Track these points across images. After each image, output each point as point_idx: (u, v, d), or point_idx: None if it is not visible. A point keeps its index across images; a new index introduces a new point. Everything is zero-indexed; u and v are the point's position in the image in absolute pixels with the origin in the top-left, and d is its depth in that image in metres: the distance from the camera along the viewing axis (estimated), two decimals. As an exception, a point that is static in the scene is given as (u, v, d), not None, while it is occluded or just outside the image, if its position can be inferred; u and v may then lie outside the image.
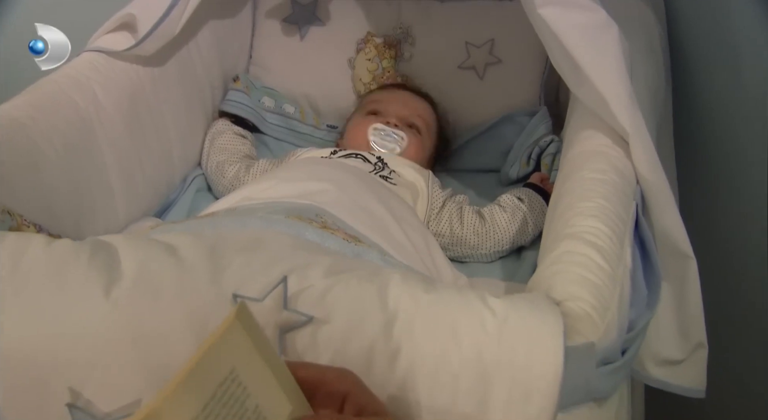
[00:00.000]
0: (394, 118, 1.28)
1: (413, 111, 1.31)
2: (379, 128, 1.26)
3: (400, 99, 1.33)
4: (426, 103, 1.36)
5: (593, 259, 0.69)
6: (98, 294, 0.62)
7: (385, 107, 1.31)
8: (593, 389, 0.62)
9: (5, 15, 1.35)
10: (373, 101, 1.34)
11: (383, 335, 0.60)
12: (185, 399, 0.45)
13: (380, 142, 1.25)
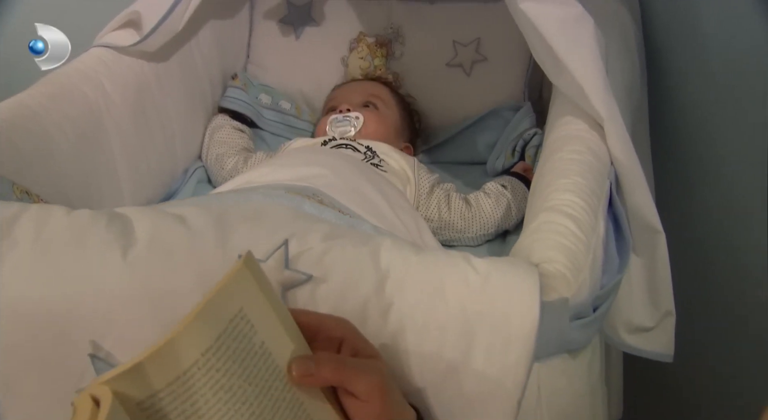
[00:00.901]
0: (346, 104, 1.36)
1: (363, 92, 1.39)
2: (333, 118, 1.33)
3: (349, 88, 1.42)
4: (376, 82, 1.44)
5: (569, 228, 0.74)
6: (116, 256, 0.67)
7: (338, 100, 1.39)
8: (567, 341, 0.67)
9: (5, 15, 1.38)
10: (329, 100, 1.44)
11: (376, 292, 0.65)
12: (200, 331, 0.51)
13: (336, 130, 1.31)
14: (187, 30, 1.26)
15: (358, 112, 1.34)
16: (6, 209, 0.71)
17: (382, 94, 1.41)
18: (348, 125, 1.32)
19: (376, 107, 1.37)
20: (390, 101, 1.41)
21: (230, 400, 0.51)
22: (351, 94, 1.39)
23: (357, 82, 1.47)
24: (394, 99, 1.43)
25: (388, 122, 1.37)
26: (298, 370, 0.56)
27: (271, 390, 0.54)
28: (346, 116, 1.33)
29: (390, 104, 1.41)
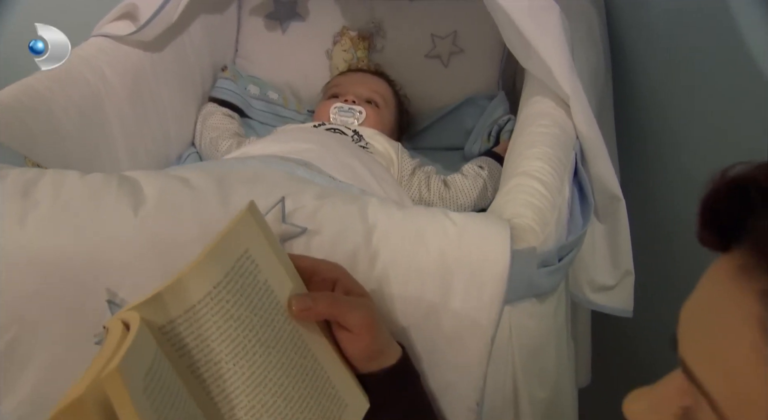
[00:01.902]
0: (352, 95, 1.41)
1: (369, 87, 1.44)
2: (339, 106, 1.38)
3: (356, 79, 1.46)
4: (381, 79, 1.48)
5: (537, 189, 0.81)
6: (128, 213, 0.73)
7: (344, 88, 1.43)
8: (535, 285, 0.74)
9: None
10: (333, 86, 1.47)
11: (364, 242, 0.72)
12: (211, 267, 0.57)
13: (339, 119, 1.37)
14: (179, 23, 1.32)
15: (362, 107, 1.39)
16: (25, 173, 0.77)
17: (385, 93, 1.46)
18: (352, 117, 1.37)
19: (378, 105, 1.42)
20: (390, 101, 1.46)
21: (238, 328, 0.58)
22: (357, 87, 1.43)
23: (364, 73, 1.49)
24: (394, 99, 1.48)
25: (384, 121, 1.42)
26: (297, 305, 0.62)
27: (273, 322, 0.60)
28: (351, 108, 1.39)
29: (390, 104, 1.46)
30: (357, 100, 1.40)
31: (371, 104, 1.41)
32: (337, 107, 1.38)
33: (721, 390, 0.37)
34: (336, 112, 1.36)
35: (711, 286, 0.40)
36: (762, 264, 0.37)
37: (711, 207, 0.40)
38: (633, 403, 0.44)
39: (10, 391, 0.74)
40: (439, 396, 0.73)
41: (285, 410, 0.59)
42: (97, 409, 0.45)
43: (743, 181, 0.38)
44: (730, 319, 0.37)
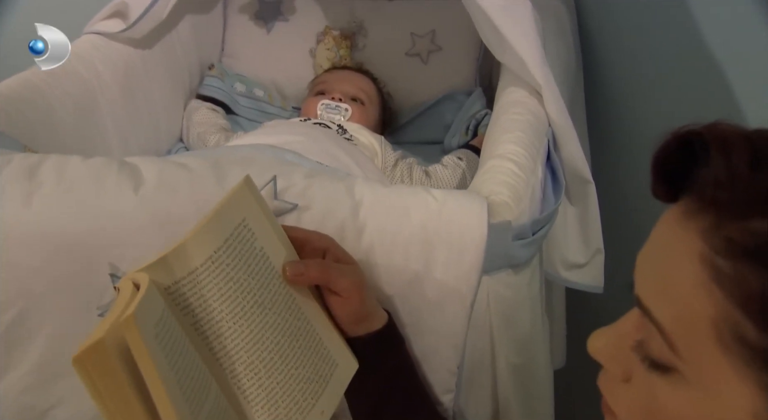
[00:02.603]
0: (338, 93, 1.45)
1: (355, 85, 1.48)
2: (326, 103, 1.43)
3: (342, 77, 1.51)
4: (366, 78, 1.53)
5: (512, 170, 0.87)
6: (129, 192, 0.77)
7: (330, 86, 1.48)
8: (510, 257, 0.79)
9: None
10: (320, 83, 1.52)
11: (352, 217, 0.76)
12: (211, 234, 0.61)
13: (326, 115, 1.41)
14: (168, 22, 1.36)
15: (348, 104, 1.44)
16: (28, 158, 0.81)
17: (370, 90, 1.51)
18: (338, 114, 1.42)
19: (363, 103, 1.47)
20: (375, 98, 1.51)
21: (237, 290, 0.62)
22: (344, 84, 1.48)
23: (349, 71, 1.53)
24: (378, 97, 1.53)
25: (369, 118, 1.47)
26: (290, 270, 0.67)
27: (269, 286, 0.65)
28: (338, 105, 1.43)
29: (374, 101, 1.51)
30: (343, 97, 1.45)
31: (357, 102, 1.46)
32: (324, 104, 1.42)
33: (668, 316, 0.42)
34: (323, 109, 1.41)
35: (661, 231, 0.45)
36: (703, 207, 0.42)
37: (661, 161, 0.45)
38: (595, 341, 0.49)
39: (18, 362, 0.78)
40: (422, 360, 0.78)
41: (281, 366, 0.64)
42: (114, 350, 0.49)
43: (688, 136, 0.43)
44: (677, 255, 0.42)
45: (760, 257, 0.39)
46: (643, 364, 0.45)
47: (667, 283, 0.43)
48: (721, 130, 0.42)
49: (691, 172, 0.44)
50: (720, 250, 0.40)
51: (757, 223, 0.39)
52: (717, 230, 0.40)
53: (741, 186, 0.40)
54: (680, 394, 0.43)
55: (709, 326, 0.40)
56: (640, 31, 1.34)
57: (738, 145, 0.41)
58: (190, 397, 0.54)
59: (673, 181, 0.45)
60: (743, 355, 0.39)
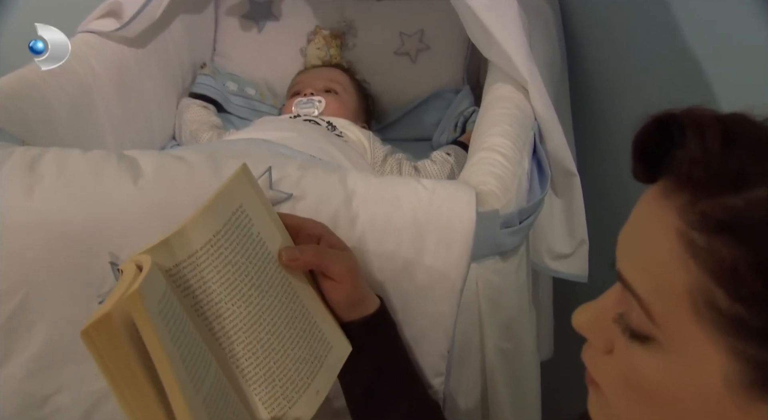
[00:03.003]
0: (310, 89, 1.48)
1: (325, 78, 1.52)
2: (298, 101, 1.46)
3: (312, 74, 1.55)
4: (336, 69, 1.56)
5: (499, 161, 0.89)
6: (128, 183, 0.79)
7: (303, 85, 1.52)
8: (498, 244, 0.82)
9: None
10: (294, 84, 1.56)
11: (344, 206, 0.78)
12: (210, 218, 0.63)
13: (301, 111, 1.44)
14: (161, 22, 1.38)
15: (320, 96, 1.46)
16: (29, 151, 0.83)
17: (342, 80, 1.54)
18: (312, 107, 1.45)
19: (336, 92, 1.50)
20: (349, 87, 1.54)
21: (236, 273, 0.64)
22: (314, 80, 1.51)
23: (318, 68, 1.59)
24: (353, 85, 1.56)
25: (347, 106, 1.50)
26: (286, 255, 0.69)
27: (266, 269, 0.67)
28: (310, 99, 1.46)
29: (349, 89, 1.54)
30: (315, 91, 1.48)
31: (330, 92, 1.49)
32: (297, 102, 1.45)
33: (646, 288, 0.45)
34: (297, 108, 1.44)
35: (640, 209, 0.48)
36: (679, 185, 0.44)
37: (640, 143, 0.48)
38: (579, 315, 0.52)
39: (20, 349, 0.79)
40: (413, 344, 0.80)
41: (278, 347, 0.66)
42: (121, 324, 0.51)
43: (665, 119, 0.46)
44: (655, 230, 0.45)
45: (732, 231, 0.41)
46: (623, 335, 0.47)
47: (645, 257, 0.45)
48: (697, 113, 0.45)
49: (668, 153, 0.46)
50: (695, 225, 0.42)
51: (730, 198, 0.42)
52: (692, 206, 0.43)
53: (714, 164, 0.42)
54: (658, 362, 0.45)
55: (685, 296, 0.43)
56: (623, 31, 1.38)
57: (712, 126, 0.43)
58: (192, 373, 0.56)
59: (652, 162, 0.47)
60: (715, 323, 0.42)
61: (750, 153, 0.42)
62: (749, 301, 0.41)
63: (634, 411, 0.48)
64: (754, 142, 0.43)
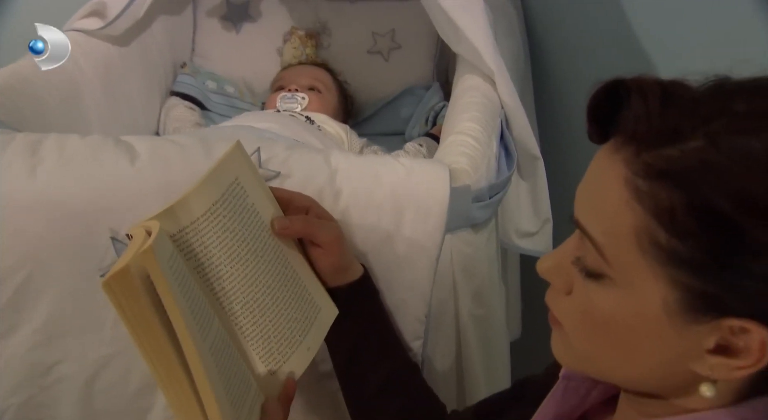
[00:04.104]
0: (294, 85, 1.54)
1: (309, 76, 1.57)
2: (283, 95, 1.51)
3: (297, 71, 1.60)
4: (320, 68, 1.62)
5: (470, 143, 0.96)
6: (126, 164, 0.84)
7: (287, 81, 1.57)
8: (470, 217, 0.88)
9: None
10: (278, 79, 1.61)
11: (329, 182, 0.84)
12: (208, 189, 0.69)
13: (285, 105, 1.49)
14: (143, 22, 1.42)
15: (304, 93, 1.52)
16: (30, 136, 0.87)
17: (326, 79, 1.60)
18: (295, 103, 1.50)
19: (320, 91, 1.55)
20: (331, 86, 1.60)
21: (233, 239, 0.69)
22: (299, 77, 1.57)
23: (304, 66, 1.63)
24: (335, 84, 1.62)
25: (328, 105, 1.56)
26: (278, 224, 0.74)
27: (260, 237, 0.72)
28: (294, 95, 1.51)
29: (331, 89, 1.59)
30: (299, 88, 1.53)
31: (314, 90, 1.54)
32: (281, 96, 1.50)
33: (599, 231, 0.51)
34: (281, 102, 1.49)
35: (594, 165, 0.54)
36: (626, 141, 0.51)
37: (593, 106, 0.54)
38: (543, 262, 0.58)
39: (27, 321, 0.84)
40: (394, 310, 0.86)
41: (272, 307, 0.71)
42: (137, 277, 0.56)
43: (614, 84, 0.52)
44: (606, 181, 0.51)
45: (670, 177, 0.48)
46: (581, 275, 0.54)
47: (598, 203, 0.52)
48: (640, 78, 0.51)
49: (617, 115, 0.53)
50: (639, 174, 0.49)
51: (667, 150, 0.48)
52: (637, 158, 0.49)
53: (655, 121, 0.49)
54: (610, 295, 0.52)
55: (631, 235, 0.49)
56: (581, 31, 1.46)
57: (653, 89, 0.50)
58: (200, 324, 0.61)
59: (603, 124, 0.54)
60: (656, 257, 0.48)
61: (684, 111, 0.49)
62: (683, 236, 0.47)
63: (591, 342, 0.54)
64: (688, 102, 0.49)
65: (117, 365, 0.87)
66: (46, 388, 0.86)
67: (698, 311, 0.48)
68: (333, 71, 1.64)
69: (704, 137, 0.47)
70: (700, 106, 0.49)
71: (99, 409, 0.88)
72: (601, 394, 0.64)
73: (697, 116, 0.48)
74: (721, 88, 0.50)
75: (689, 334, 0.49)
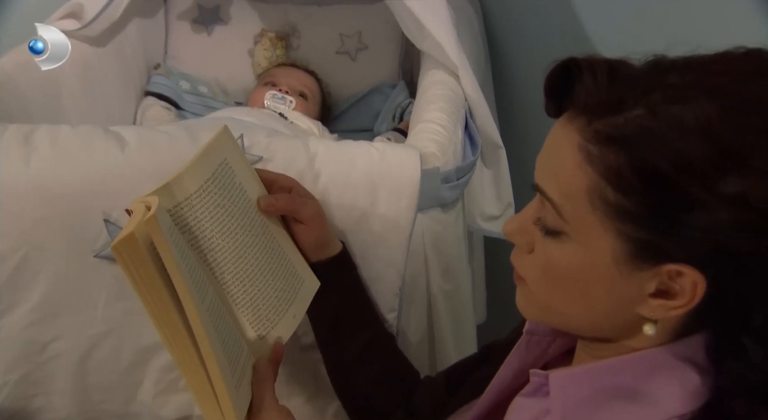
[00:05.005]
0: (286, 86, 1.58)
1: (301, 81, 1.62)
2: (273, 93, 1.56)
3: (291, 73, 1.64)
4: (312, 77, 1.67)
5: (437, 129, 1.02)
6: (116, 150, 0.88)
7: (279, 79, 1.61)
8: (440, 197, 0.94)
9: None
10: (269, 75, 1.64)
11: (308, 166, 0.89)
12: (200, 168, 0.74)
13: (273, 104, 1.54)
14: (118, 24, 1.46)
15: (293, 97, 1.56)
16: (22, 127, 0.91)
17: (314, 88, 1.65)
18: (284, 104, 1.55)
19: (306, 98, 1.60)
20: (317, 95, 1.65)
21: (224, 214, 0.74)
22: (292, 79, 1.61)
23: (297, 69, 1.67)
24: (320, 95, 1.67)
25: (309, 112, 1.61)
26: (264, 201, 0.80)
27: (247, 213, 0.78)
28: (284, 96, 1.56)
29: (316, 98, 1.65)
30: (290, 90, 1.58)
31: (302, 96, 1.59)
32: (272, 93, 1.55)
33: (557, 192, 0.58)
34: (270, 98, 1.54)
35: (551, 135, 0.61)
36: (579, 112, 0.57)
37: (549, 84, 0.60)
38: (508, 225, 0.64)
39: (23, 300, 0.87)
40: (370, 283, 0.91)
41: (260, 277, 0.76)
42: (142, 243, 0.61)
43: (567, 63, 0.59)
44: (561, 147, 0.58)
45: (616, 142, 0.54)
46: (541, 233, 0.60)
47: (555, 168, 0.58)
48: (590, 57, 0.58)
49: (570, 92, 0.59)
50: (590, 140, 0.55)
51: (614, 119, 0.55)
52: (588, 126, 0.56)
53: (603, 94, 0.56)
54: (567, 250, 0.58)
55: (585, 195, 0.56)
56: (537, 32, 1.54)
57: (601, 65, 0.56)
58: (198, 287, 0.66)
59: (559, 100, 0.60)
60: (606, 212, 0.55)
61: (627, 85, 0.55)
62: (629, 193, 0.54)
63: (551, 293, 0.61)
64: (630, 77, 0.56)
65: (109, 342, 0.91)
66: (42, 365, 0.90)
67: (642, 259, 0.55)
68: (321, 81, 1.69)
69: (644, 107, 0.53)
70: (640, 81, 0.55)
71: (92, 383, 0.92)
72: (560, 347, 0.71)
73: (638, 89, 0.55)
74: (658, 65, 0.57)
75: (634, 280, 0.56)
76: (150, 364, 0.92)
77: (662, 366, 0.58)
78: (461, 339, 1.02)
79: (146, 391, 0.93)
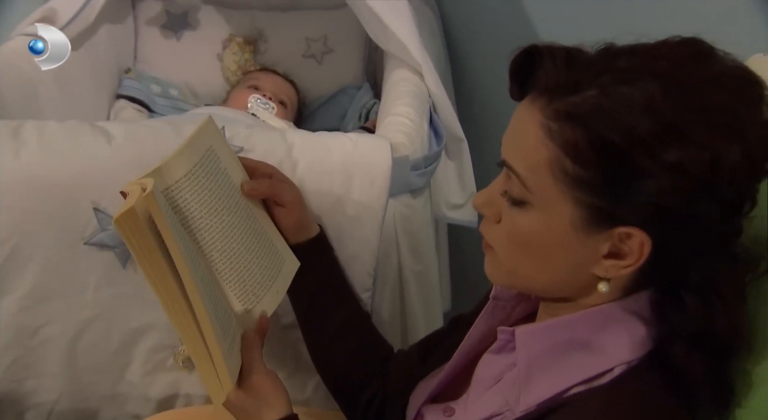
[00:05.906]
0: (270, 92, 1.62)
1: (283, 90, 1.66)
2: (258, 97, 1.59)
3: (275, 80, 1.68)
4: (293, 88, 1.71)
5: (404, 122, 1.07)
6: (103, 143, 0.91)
7: (263, 84, 1.64)
8: (409, 184, 1.00)
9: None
10: (253, 78, 1.67)
11: (287, 156, 0.94)
12: (189, 154, 0.77)
13: (256, 108, 1.57)
14: (90, 29, 1.48)
15: (275, 104, 1.60)
16: (9, 123, 0.93)
17: (293, 98, 1.69)
18: (267, 110, 1.57)
19: (285, 107, 1.64)
20: (294, 106, 1.69)
21: (211, 197, 0.78)
22: (276, 87, 1.64)
23: (280, 77, 1.70)
24: (297, 104, 1.71)
25: (287, 120, 1.64)
26: (247, 186, 0.84)
27: (232, 196, 0.81)
28: (268, 102, 1.59)
29: (294, 108, 1.68)
30: (273, 97, 1.61)
31: (282, 105, 1.63)
32: (256, 97, 1.58)
33: (522, 166, 0.63)
34: (254, 101, 1.56)
35: (516, 115, 0.66)
36: (540, 94, 0.62)
37: (513, 68, 0.66)
38: (477, 198, 0.69)
39: (15, 287, 0.90)
40: (346, 265, 0.96)
41: (245, 255, 0.80)
42: (142, 217, 0.65)
43: (530, 50, 0.64)
44: (525, 125, 0.63)
45: (573, 119, 0.60)
46: (508, 204, 0.65)
47: (520, 144, 0.64)
48: (550, 45, 0.63)
49: (533, 75, 0.64)
50: (551, 117, 0.61)
51: (571, 98, 0.60)
52: (549, 105, 0.61)
53: (562, 77, 0.61)
54: (531, 218, 0.63)
55: (547, 167, 0.61)
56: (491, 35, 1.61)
57: (559, 52, 0.62)
58: (191, 260, 0.69)
59: (521, 84, 0.66)
60: (565, 182, 0.60)
61: (582, 69, 0.61)
62: (585, 165, 0.59)
63: (516, 258, 0.66)
64: (584, 62, 0.62)
65: (98, 326, 0.93)
66: (33, 349, 0.92)
67: (596, 224, 0.61)
68: (299, 91, 1.73)
69: (597, 87, 0.59)
70: (593, 65, 0.61)
71: (82, 366, 0.94)
72: (523, 311, 0.76)
73: (591, 72, 0.61)
74: (608, 51, 0.63)
75: (590, 243, 0.61)
76: (138, 345, 0.94)
77: (613, 320, 0.64)
78: (430, 317, 1.07)
79: (134, 372, 0.96)
